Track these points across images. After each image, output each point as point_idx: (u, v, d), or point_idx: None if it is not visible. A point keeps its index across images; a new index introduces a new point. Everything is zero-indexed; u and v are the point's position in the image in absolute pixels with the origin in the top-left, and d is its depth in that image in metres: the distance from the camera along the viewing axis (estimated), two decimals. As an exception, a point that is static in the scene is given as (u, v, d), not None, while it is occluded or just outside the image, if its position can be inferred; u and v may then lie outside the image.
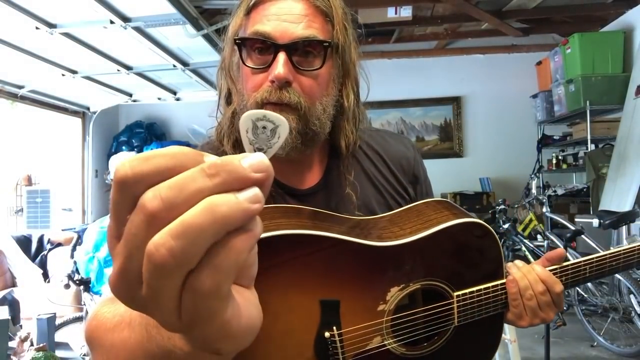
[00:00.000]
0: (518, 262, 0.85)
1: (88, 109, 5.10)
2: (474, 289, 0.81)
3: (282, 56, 0.72)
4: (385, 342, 0.78)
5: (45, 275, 3.89)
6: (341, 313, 0.75)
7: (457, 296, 0.79)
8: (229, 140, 0.82)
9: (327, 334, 0.74)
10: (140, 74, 3.88)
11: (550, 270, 0.84)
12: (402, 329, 0.79)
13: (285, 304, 0.73)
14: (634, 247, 0.91)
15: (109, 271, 3.60)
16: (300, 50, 0.74)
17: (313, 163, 0.87)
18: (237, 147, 0.81)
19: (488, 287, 0.82)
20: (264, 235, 0.65)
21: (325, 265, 0.74)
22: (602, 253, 0.89)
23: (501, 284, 0.82)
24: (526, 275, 0.82)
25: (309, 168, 0.87)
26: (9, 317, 1.61)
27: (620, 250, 0.90)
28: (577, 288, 3.55)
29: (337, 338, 0.74)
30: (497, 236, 0.83)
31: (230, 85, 0.81)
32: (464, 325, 0.82)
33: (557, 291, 0.81)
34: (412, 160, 0.94)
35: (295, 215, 0.77)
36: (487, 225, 0.82)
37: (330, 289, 0.74)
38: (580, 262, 0.87)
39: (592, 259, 0.89)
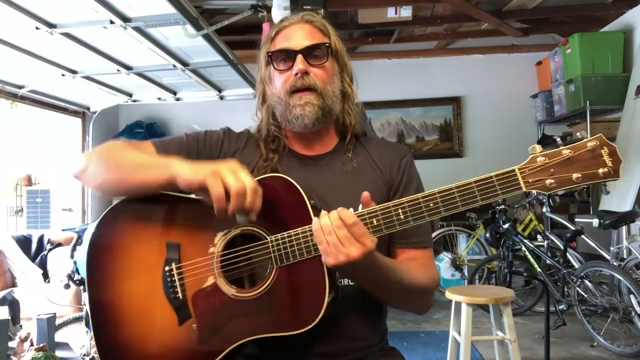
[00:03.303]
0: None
1: (88, 109, 5.09)
2: (286, 233, 0.94)
3: (299, 57, 1.08)
4: (217, 282, 0.98)
5: (45, 275, 3.89)
6: (182, 254, 1.00)
7: (272, 239, 0.95)
8: (264, 132, 1.15)
9: (166, 268, 1.00)
10: (140, 74, 3.87)
11: (358, 214, 0.90)
12: (228, 267, 0.98)
13: (143, 247, 1.01)
14: (453, 186, 0.88)
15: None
16: (310, 53, 1.09)
17: (326, 139, 1.16)
18: (269, 141, 1.14)
19: (298, 231, 0.94)
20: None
21: (172, 216, 1.03)
22: (415, 195, 0.90)
23: (310, 228, 0.92)
24: (328, 214, 0.90)
25: (323, 143, 1.16)
26: (9, 317, 1.61)
27: (434, 192, 0.89)
28: (577, 288, 3.54)
29: (175, 272, 1.00)
30: (299, 187, 0.95)
31: (266, 88, 1.15)
32: (286, 270, 0.95)
33: (350, 222, 0.87)
34: (404, 161, 1.15)
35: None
36: (287, 177, 0.96)
37: (175, 235, 1.02)
38: (389, 204, 0.91)
39: (403, 200, 0.90)
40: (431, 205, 0.89)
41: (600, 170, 0.82)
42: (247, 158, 1.12)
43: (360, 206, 1.03)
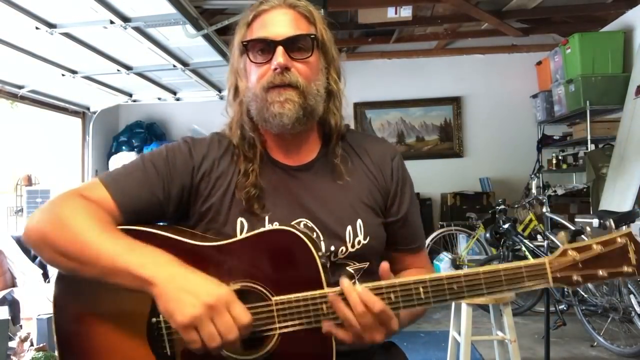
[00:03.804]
0: (344, 279, 0.82)
1: (88, 109, 5.10)
2: (293, 296, 0.83)
3: (280, 49, 0.92)
4: None
5: (45, 275, 3.89)
6: None
7: (276, 301, 0.83)
8: (236, 132, 1.00)
9: (153, 320, 0.86)
10: (140, 74, 3.88)
11: (376, 288, 0.81)
12: None
13: (124, 295, 0.83)
14: (480, 271, 0.83)
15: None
16: (293, 45, 0.94)
17: (308, 144, 1.03)
18: (245, 144, 0.99)
19: (307, 296, 0.83)
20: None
21: None
22: (440, 274, 0.83)
23: (320, 294, 0.82)
24: (348, 295, 0.80)
25: (305, 149, 1.02)
26: (9, 317, 1.62)
27: (460, 275, 0.82)
28: (577, 288, 3.54)
29: (163, 325, 0.86)
30: (310, 245, 0.84)
31: (239, 81, 1.00)
32: (290, 336, 0.83)
33: (376, 311, 0.78)
34: (395, 163, 1.06)
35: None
36: (298, 233, 0.84)
37: None
38: (410, 280, 0.82)
39: (426, 278, 0.82)
40: (455, 287, 0.82)
41: (625, 269, 0.82)
42: (224, 178, 0.98)
43: (360, 223, 0.98)
